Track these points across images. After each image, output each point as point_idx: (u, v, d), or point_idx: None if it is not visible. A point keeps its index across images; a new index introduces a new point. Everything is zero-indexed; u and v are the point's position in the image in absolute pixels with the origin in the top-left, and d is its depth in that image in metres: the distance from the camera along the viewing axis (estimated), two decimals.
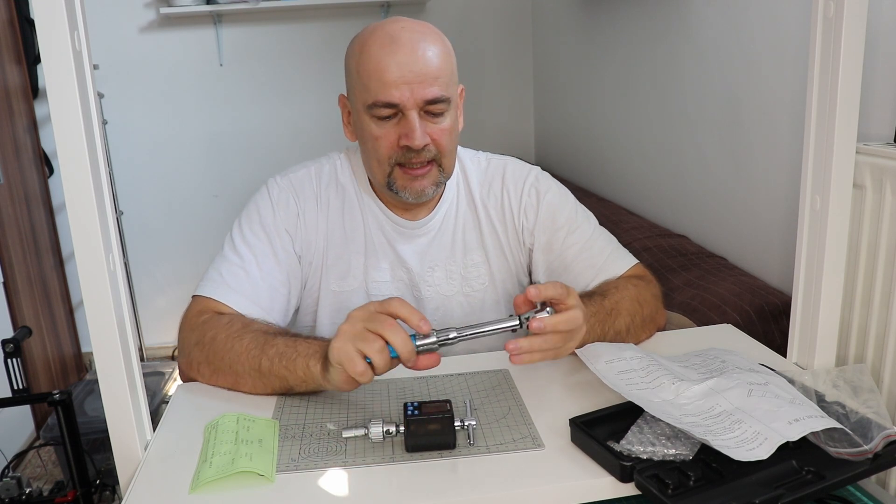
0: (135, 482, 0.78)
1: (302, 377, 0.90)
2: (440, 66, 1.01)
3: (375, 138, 1.03)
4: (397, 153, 1.03)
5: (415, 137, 1.00)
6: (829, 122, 0.93)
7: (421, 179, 1.05)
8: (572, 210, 1.18)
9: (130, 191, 3.05)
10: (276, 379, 0.92)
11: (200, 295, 1.05)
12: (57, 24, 0.72)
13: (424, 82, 0.99)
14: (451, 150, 1.07)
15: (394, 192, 1.06)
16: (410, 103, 1.00)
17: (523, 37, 3.24)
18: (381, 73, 0.99)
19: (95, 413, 2.13)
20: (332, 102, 3.46)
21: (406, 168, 1.04)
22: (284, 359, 0.91)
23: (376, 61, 0.99)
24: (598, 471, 0.76)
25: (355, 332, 0.83)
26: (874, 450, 0.74)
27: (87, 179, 0.76)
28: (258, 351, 0.93)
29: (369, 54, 1.00)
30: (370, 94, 1.01)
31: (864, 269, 1.23)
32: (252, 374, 0.94)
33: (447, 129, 1.04)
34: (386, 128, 1.02)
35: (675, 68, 2.00)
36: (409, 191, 1.05)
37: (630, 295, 1.06)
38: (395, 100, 0.99)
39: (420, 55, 1.00)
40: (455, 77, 1.06)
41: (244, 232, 1.10)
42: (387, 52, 0.99)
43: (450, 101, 1.03)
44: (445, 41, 1.05)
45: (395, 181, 1.05)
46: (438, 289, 1.15)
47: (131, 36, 2.94)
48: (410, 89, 0.99)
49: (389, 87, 0.99)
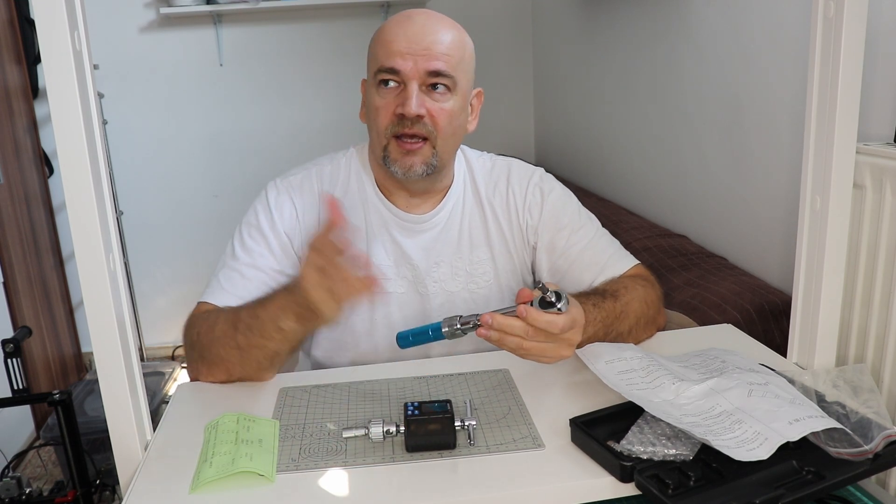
0: (135, 482, 0.78)
1: (279, 339, 0.93)
2: (450, 47, 1.03)
3: (377, 108, 1.05)
4: (393, 123, 1.04)
5: (411, 105, 1.01)
6: (829, 122, 0.93)
7: (412, 156, 1.04)
8: (575, 210, 1.18)
9: (130, 191, 3.05)
10: (257, 350, 0.94)
11: (201, 301, 1.07)
12: (57, 24, 0.72)
13: (429, 56, 1.02)
14: (448, 134, 1.06)
15: (387, 166, 1.06)
16: (412, 73, 1.02)
17: (523, 37, 3.24)
18: (390, 43, 1.03)
19: (95, 413, 2.13)
20: (333, 102, 3.42)
21: (400, 141, 1.04)
22: (254, 330, 0.93)
23: (387, 33, 1.04)
24: (598, 471, 0.76)
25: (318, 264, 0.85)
26: (874, 450, 0.74)
27: (87, 179, 0.76)
28: (232, 330, 0.95)
29: (384, 30, 1.05)
30: (377, 62, 1.04)
31: (864, 269, 1.23)
32: (234, 355, 0.96)
33: (448, 111, 1.04)
34: (387, 98, 1.04)
35: (675, 68, 2.00)
36: (399, 164, 1.05)
37: (639, 296, 1.06)
38: (397, 66, 1.01)
39: (430, 32, 1.02)
40: (467, 66, 1.07)
41: (244, 237, 1.11)
42: (399, 26, 1.04)
43: (455, 81, 1.04)
44: (465, 35, 1.08)
45: (390, 154, 1.06)
46: (443, 285, 1.15)
47: (131, 36, 2.94)
48: (414, 60, 1.01)
49: (394, 55, 1.02)
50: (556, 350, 0.87)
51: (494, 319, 0.84)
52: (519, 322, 0.83)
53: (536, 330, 0.83)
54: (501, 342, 0.85)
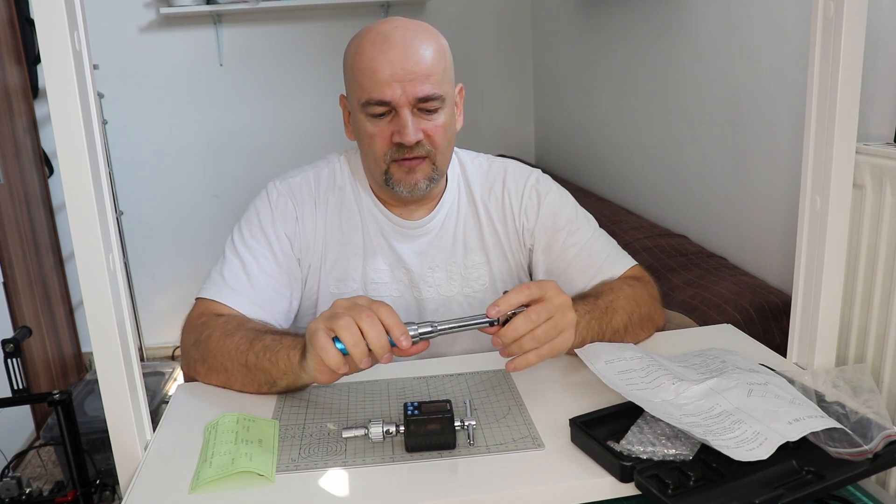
0: (135, 482, 0.78)
1: (283, 369, 0.90)
2: (432, 64, 1.02)
3: (371, 136, 1.04)
4: (392, 150, 1.04)
5: (407, 134, 1.01)
6: (829, 122, 0.93)
7: (414, 173, 1.05)
8: (572, 212, 1.18)
9: (130, 191, 3.05)
10: (261, 373, 0.93)
11: (202, 297, 1.06)
12: (57, 24, 0.72)
13: (416, 80, 1.00)
14: (445, 147, 1.07)
15: (390, 187, 1.07)
16: (402, 101, 1.01)
17: (523, 37, 3.24)
18: (374, 71, 1.00)
19: (95, 413, 2.13)
20: (332, 103, 3.45)
21: (400, 163, 1.05)
22: (269, 352, 0.92)
23: (368, 59, 1.01)
24: (598, 471, 0.76)
25: (332, 313, 0.83)
26: (874, 450, 0.74)
27: (87, 179, 0.76)
28: (246, 346, 0.94)
29: (362, 53, 1.02)
30: (364, 93, 1.02)
31: (864, 269, 1.23)
32: (240, 370, 0.94)
33: (441, 126, 1.05)
34: (380, 125, 1.03)
35: (675, 68, 2.00)
36: (403, 184, 1.06)
37: (625, 294, 1.06)
38: (386, 97, 1.01)
39: (412, 53, 1.00)
40: (450, 75, 1.07)
41: (244, 235, 1.11)
42: (378, 50, 1.00)
43: (443, 98, 1.04)
44: (440, 39, 1.06)
45: (392, 176, 1.06)
46: (439, 289, 1.15)
47: (131, 36, 2.94)
48: (402, 87, 1.00)
49: (381, 85, 1.00)
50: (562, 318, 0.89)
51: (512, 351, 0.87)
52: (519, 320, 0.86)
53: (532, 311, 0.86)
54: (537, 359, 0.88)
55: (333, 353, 0.82)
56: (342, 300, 0.86)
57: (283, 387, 0.94)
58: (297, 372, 0.89)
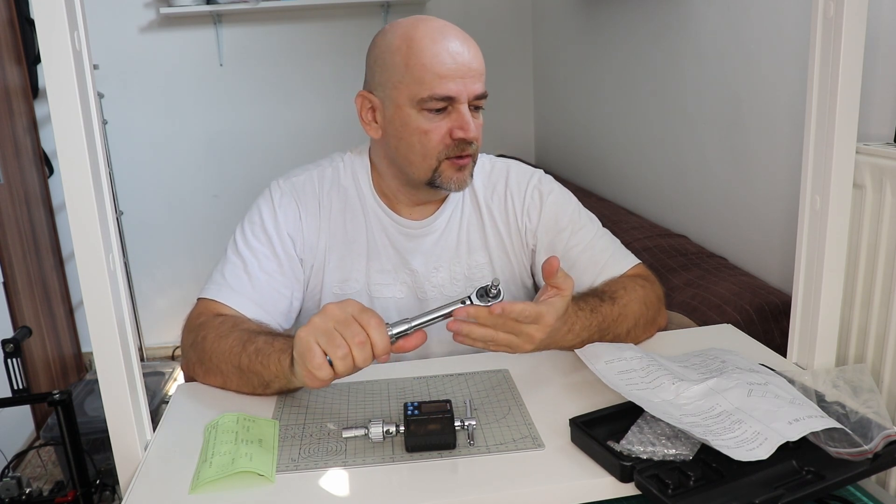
0: (135, 482, 0.78)
1: (274, 372, 0.90)
2: (481, 62, 1.06)
3: (424, 132, 1.03)
4: (449, 146, 1.04)
5: (470, 129, 1.03)
6: (829, 122, 0.93)
7: (464, 171, 1.07)
8: (575, 211, 1.18)
9: (130, 191, 3.05)
10: (254, 375, 0.93)
11: (203, 297, 1.06)
12: (57, 24, 0.72)
13: (474, 77, 1.03)
14: (480, 145, 1.10)
15: (436, 186, 1.07)
16: (464, 96, 1.02)
17: (523, 37, 3.23)
18: (438, 66, 1.01)
19: (95, 413, 2.13)
20: (333, 102, 3.41)
21: (453, 160, 1.05)
22: (261, 355, 0.91)
23: (431, 55, 1.01)
24: (598, 471, 0.76)
25: (325, 328, 0.82)
26: (874, 450, 0.74)
27: (87, 179, 0.76)
28: (239, 348, 0.94)
29: (422, 49, 1.01)
30: (425, 88, 1.01)
31: (864, 269, 1.23)
32: (234, 372, 0.94)
33: (481, 125, 1.08)
34: (436, 121, 1.03)
35: (675, 68, 2.00)
36: (454, 182, 1.07)
37: (638, 297, 1.06)
38: (452, 93, 1.01)
39: (466, 50, 1.03)
40: None
41: (246, 235, 1.10)
42: (441, 47, 1.02)
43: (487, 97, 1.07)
44: None
45: (442, 174, 1.06)
46: (442, 290, 1.15)
47: (131, 36, 2.94)
48: (464, 83, 1.02)
49: (446, 80, 1.01)
50: (520, 343, 0.88)
51: (468, 311, 0.85)
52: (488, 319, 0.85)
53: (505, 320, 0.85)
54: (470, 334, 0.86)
55: (320, 359, 0.81)
56: (333, 307, 0.84)
57: (276, 389, 0.94)
58: (288, 376, 0.89)
